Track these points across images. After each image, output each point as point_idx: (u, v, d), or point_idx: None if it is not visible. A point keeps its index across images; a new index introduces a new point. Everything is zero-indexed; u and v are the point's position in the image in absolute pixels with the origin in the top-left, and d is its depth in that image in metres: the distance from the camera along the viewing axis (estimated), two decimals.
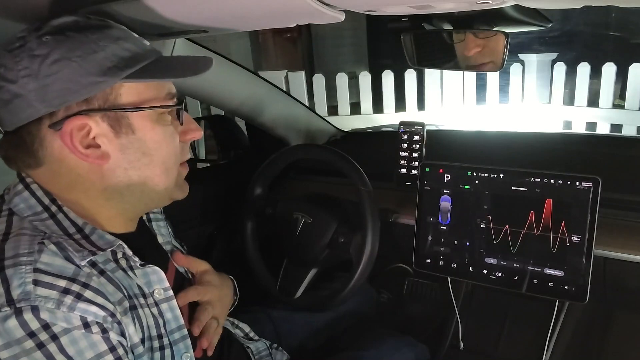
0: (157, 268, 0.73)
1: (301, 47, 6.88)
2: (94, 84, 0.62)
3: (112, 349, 0.61)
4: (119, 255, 0.68)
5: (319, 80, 4.63)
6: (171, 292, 0.75)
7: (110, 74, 0.63)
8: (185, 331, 0.76)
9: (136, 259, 0.70)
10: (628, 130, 4.02)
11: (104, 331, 0.61)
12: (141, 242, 0.76)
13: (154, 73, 0.66)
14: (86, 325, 0.60)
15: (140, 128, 0.67)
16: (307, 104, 1.62)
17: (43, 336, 0.57)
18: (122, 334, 0.64)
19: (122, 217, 0.73)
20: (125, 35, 0.67)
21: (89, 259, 0.63)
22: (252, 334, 1.01)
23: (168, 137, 0.71)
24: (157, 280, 0.73)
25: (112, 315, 0.63)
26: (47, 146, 0.65)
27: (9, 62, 0.61)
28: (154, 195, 0.73)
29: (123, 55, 0.64)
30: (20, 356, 0.56)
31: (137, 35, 0.69)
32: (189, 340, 0.76)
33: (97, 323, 0.61)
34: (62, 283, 0.60)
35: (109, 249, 0.66)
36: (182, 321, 0.75)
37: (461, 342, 1.16)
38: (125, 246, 0.68)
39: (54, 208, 0.66)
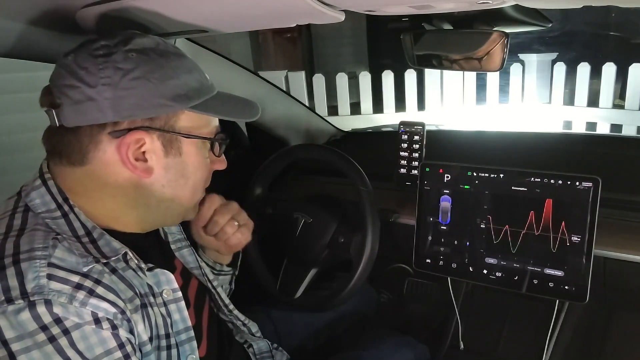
0: (165, 271, 0.74)
1: (301, 47, 6.88)
2: (163, 106, 0.67)
3: (121, 345, 0.62)
4: (129, 256, 0.70)
5: (319, 80, 4.63)
6: (180, 294, 0.76)
7: (179, 100, 0.68)
8: (192, 333, 0.77)
9: (143, 265, 0.71)
10: (628, 130, 4.02)
11: (114, 327, 0.62)
12: (147, 242, 0.78)
13: (213, 108, 0.72)
14: (97, 321, 0.61)
15: (186, 152, 0.73)
16: (307, 104, 1.62)
17: (55, 330, 0.58)
18: (131, 332, 0.65)
19: (138, 225, 0.75)
20: (195, 67, 0.72)
21: (91, 266, 0.64)
22: (258, 334, 1.02)
23: (203, 165, 0.77)
24: (166, 282, 0.74)
25: (123, 312, 0.64)
26: (100, 149, 0.68)
27: (91, 66, 0.65)
28: (175, 213, 0.78)
29: (192, 86, 0.70)
30: (31, 349, 0.57)
31: (201, 69, 0.74)
32: (194, 342, 0.77)
33: (108, 319, 0.62)
34: (75, 278, 0.61)
35: (114, 257, 0.67)
36: (189, 323, 0.76)
37: (461, 342, 1.16)
38: (131, 254, 0.69)
39: (66, 207, 0.68)
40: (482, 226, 1.08)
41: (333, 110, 4.71)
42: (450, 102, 4.69)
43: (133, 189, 0.71)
